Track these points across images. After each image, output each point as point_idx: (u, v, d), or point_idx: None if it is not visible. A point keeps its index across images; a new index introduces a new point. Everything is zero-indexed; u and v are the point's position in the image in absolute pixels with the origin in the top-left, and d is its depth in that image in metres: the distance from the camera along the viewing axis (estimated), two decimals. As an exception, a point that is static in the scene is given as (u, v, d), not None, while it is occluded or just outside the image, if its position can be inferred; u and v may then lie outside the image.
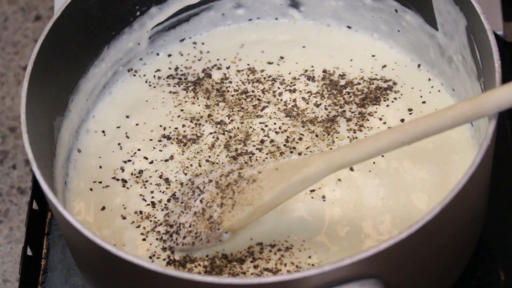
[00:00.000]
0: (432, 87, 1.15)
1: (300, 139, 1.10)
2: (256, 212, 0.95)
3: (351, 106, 1.12)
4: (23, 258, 1.11)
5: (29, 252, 1.13)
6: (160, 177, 1.08)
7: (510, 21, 1.29)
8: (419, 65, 1.17)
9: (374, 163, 1.07)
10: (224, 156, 1.08)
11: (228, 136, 1.11)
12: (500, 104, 0.89)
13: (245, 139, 1.10)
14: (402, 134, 0.91)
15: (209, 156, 1.09)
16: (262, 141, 1.09)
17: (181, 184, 1.07)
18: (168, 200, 1.06)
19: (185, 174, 1.08)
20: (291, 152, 1.08)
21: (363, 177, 1.06)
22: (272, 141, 1.10)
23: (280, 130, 1.11)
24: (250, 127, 1.11)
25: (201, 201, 0.99)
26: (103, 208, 1.07)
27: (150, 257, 1.03)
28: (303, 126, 1.11)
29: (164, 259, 1.02)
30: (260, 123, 1.11)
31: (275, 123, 1.11)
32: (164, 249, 1.03)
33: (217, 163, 1.08)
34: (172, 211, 1.03)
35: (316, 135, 1.10)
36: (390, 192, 1.05)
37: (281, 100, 1.14)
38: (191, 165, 1.09)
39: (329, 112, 1.12)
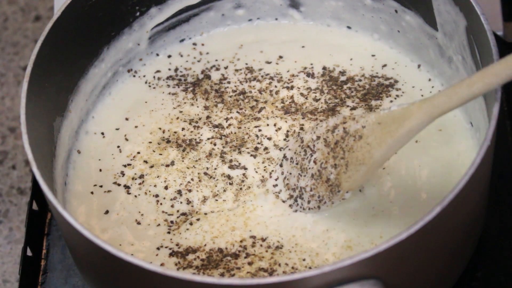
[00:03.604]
0: (432, 87, 1.15)
1: (302, 128, 1.10)
2: (370, 169, 0.95)
3: (354, 99, 1.13)
4: (23, 259, 1.11)
5: (29, 253, 1.13)
6: (164, 183, 1.08)
7: (510, 21, 1.29)
8: (419, 65, 1.17)
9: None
10: (220, 171, 1.08)
11: (224, 141, 1.11)
12: None
13: (240, 145, 1.10)
14: (495, 77, 0.88)
15: (207, 168, 1.09)
16: (256, 148, 1.09)
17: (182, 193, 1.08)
18: (172, 206, 1.07)
19: (189, 190, 1.08)
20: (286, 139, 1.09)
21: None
22: (266, 148, 1.10)
23: (278, 130, 1.10)
24: (246, 133, 1.11)
25: (315, 162, 1.00)
26: (107, 211, 1.07)
27: (158, 248, 1.03)
28: (303, 118, 1.11)
29: (169, 249, 1.03)
30: (255, 127, 1.11)
31: (274, 124, 1.11)
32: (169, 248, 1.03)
33: (214, 178, 1.08)
34: (290, 173, 1.04)
35: (320, 121, 1.10)
36: (396, 193, 1.05)
37: (278, 98, 1.14)
38: (192, 179, 1.08)
39: (329, 104, 1.12)
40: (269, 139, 1.10)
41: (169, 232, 1.05)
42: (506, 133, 1.17)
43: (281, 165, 1.06)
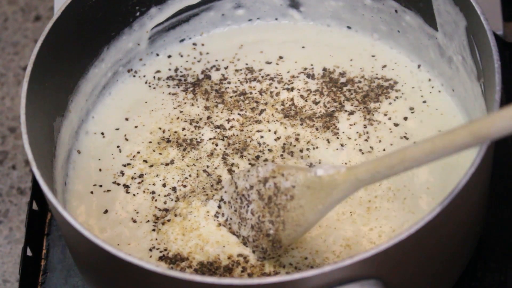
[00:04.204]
0: (432, 87, 1.15)
1: (297, 139, 1.10)
2: (306, 229, 0.96)
3: (353, 102, 1.13)
4: (23, 259, 1.11)
5: (29, 253, 1.13)
6: (162, 181, 1.08)
7: (510, 21, 1.29)
8: (419, 66, 1.17)
9: None
10: (218, 172, 1.08)
11: (227, 142, 1.11)
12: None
13: (243, 148, 1.10)
14: (412, 162, 0.88)
15: (207, 166, 1.09)
16: (258, 157, 1.09)
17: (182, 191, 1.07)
18: (165, 203, 1.07)
19: (184, 186, 1.07)
20: (291, 155, 1.09)
21: None
22: (266, 160, 1.09)
23: (276, 137, 1.10)
24: (249, 137, 1.11)
25: (252, 213, 0.99)
26: (106, 211, 1.07)
27: (150, 250, 1.03)
28: (301, 124, 1.11)
29: (159, 252, 1.03)
30: (257, 131, 1.11)
31: (275, 132, 1.11)
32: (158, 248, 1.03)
33: (211, 176, 1.08)
34: (231, 218, 1.03)
35: (316, 129, 1.10)
36: (396, 193, 1.05)
37: (279, 100, 1.14)
38: (189, 175, 1.08)
39: (328, 108, 1.12)
40: (270, 150, 1.09)
41: (153, 230, 1.04)
42: (506, 133, 1.17)
43: (219, 207, 1.05)
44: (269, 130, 1.11)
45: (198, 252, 1.02)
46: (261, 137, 1.10)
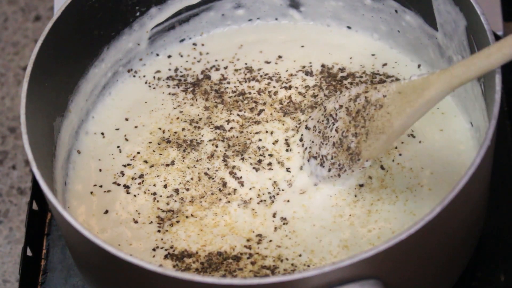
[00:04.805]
0: (432, 87, 1.15)
1: (301, 139, 1.10)
2: (389, 139, 0.97)
3: None
4: (23, 259, 1.11)
5: (29, 253, 1.13)
6: (163, 182, 1.08)
7: (510, 21, 1.29)
8: (419, 65, 1.17)
9: (382, 166, 1.07)
10: (220, 175, 1.08)
11: (227, 144, 1.11)
12: None
13: (243, 150, 1.10)
14: (509, 48, 0.88)
15: (208, 169, 1.09)
16: (260, 161, 1.09)
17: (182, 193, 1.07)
18: (168, 203, 1.07)
19: (187, 189, 1.08)
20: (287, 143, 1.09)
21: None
22: (270, 155, 1.09)
23: (275, 142, 1.10)
24: (248, 138, 1.11)
25: (336, 130, 1.01)
26: (106, 211, 1.07)
27: (154, 249, 1.03)
28: (302, 114, 1.11)
29: (164, 251, 1.03)
30: (256, 133, 1.11)
31: (271, 133, 1.11)
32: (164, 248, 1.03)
33: (213, 179, 1.08)
34: (312, 141, 1.05)
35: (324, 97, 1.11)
36: (399, 195, 1.05)
37: (277, 99, 1.14)
38: (192, 178, 1.08)
39: (329, 97, 1.12)
40: (271, 155, 1.09)
41: (159, 231, 1.05)
42: (506, 133, 1.17)
43: (300, 140, 1.07)
44: (267, 132, 1.11)
45: (213, 243, 1.02)
46: (259, 140, 1.10)
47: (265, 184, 1.07)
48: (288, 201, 1.05)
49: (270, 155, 1.09)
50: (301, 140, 1.08)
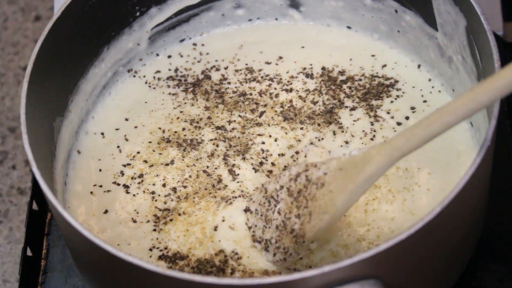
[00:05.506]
0: (432, 87, 1.15)
1: (299, 140, 1.10)
2: (333, 218, 0.94)
3: (353, 98, 1.13)
4: (23, 259, 1.11)
5: (29, 253, 1.13)
6: (162, 182, 1.08)
7: (510, 21, 1.29)
8: (419, 66, 1.17)
9: None
10: (218, 172, 1.08)
11: (228, 144, 1.10)
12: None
13: (244, 151, 1.10)
14: (452, 116, 0.86)
15: (207, 167, 1.09)
16: (261, 163, 1.09)
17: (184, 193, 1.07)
18: (165, 203, 1.07)
19: (185, 187, 1.07)
20: (294, 161, 1.08)
21: None
22: (273, 163, 1.09)
23: (277, 144, 1.10)
24: (250, 140, 1.11)
25: (279, 213, 0.98)
26: (106, 211, 1.07)
27: (150, 249, 1.03)
28: (301, 128, 1.11)
29: (159, 251, 1.03)
30: (259, 135, 1.11)
31: (275, 140, 1.10)
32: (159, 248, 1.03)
33: (211, 176, 1.08)
34: (255, 225, 1.02)
35: (318, 124, 1.10)
36: (396, 195, 1.05)
37: (278, 102, 1.14)
38: (190, 176, 1.08)
39: (327, 105, 1.12)
40: (274, 164, 1.09)
41: (155, 230, 1.04)
42: (506, 133, 1.18)
43: (247, 218, 1.04)
44: (270, 136, 1.11)
45: (197, 247, 1.02)
46: (263, 143, 1.10)
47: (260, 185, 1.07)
48: None
49: (273, 164, 1.09)
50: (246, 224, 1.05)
